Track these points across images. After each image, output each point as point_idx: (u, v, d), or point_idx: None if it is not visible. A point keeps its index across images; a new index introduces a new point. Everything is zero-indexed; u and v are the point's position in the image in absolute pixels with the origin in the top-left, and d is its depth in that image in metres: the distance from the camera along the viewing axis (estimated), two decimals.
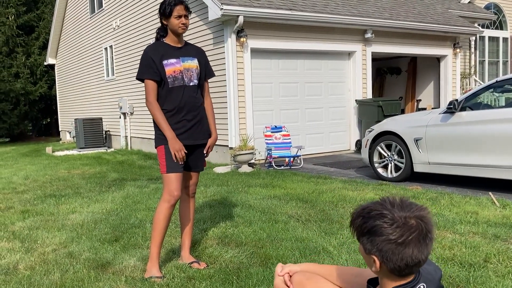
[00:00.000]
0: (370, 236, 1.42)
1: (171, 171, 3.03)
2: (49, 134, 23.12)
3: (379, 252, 1.41)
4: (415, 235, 1.37)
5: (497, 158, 5.24)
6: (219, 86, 8.73)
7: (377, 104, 9.46)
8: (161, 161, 3.07)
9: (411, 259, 1.38)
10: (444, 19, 11.37)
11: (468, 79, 12.92)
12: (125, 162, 9.94)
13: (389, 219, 1.39)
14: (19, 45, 19.82)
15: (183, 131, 3.11)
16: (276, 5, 8.60)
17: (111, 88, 13.97)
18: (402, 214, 1.39)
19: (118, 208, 5.16)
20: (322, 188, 5.86)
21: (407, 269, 1.41)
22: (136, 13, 11.76)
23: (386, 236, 1.38)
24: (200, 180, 6.90)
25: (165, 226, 3.05)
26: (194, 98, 3.15)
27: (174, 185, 3.03)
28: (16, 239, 4.07)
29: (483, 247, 3.34)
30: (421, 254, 1.39)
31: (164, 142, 3.06)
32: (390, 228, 1.38)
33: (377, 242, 1.40)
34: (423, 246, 1.39)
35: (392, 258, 1.39)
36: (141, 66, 3.06)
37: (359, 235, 1.47)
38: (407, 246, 1.37)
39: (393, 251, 1.38)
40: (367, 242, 1.44)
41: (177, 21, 3.05)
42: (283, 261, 3.18)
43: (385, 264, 1.42)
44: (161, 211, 3.03)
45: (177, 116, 3.09)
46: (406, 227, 1.38)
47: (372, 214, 1.42)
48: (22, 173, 8.61)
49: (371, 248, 1.43)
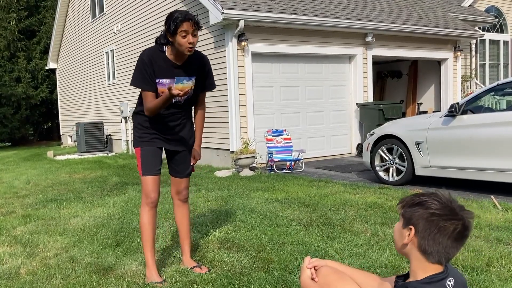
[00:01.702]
0: (416, 207, 1.53)
1: (147, 174, 3.01)
2: (50, 138, 23.15)
3: (420, 221, 1.50)
4: (453, 227, 1.47)
5: (499, 161, 5.23)
6: (220, 90, 8.74)
7: (378, 107, 9.46)
8: (138, 162, 3.06)
9: (441, 245, 1.48)
10: (445, 22, 11.38)
11: (469, 82, 12.92)
12: (126, 166, 9.95)
13: (438, 201, 1.51)
14: (20, 50, 19.88)
15: (160, 136, 3.07)
16: (276, 9, 8.62)
17: (112, 92, 14.00)
18: (451, 205, 1.51)
19: (120, 212, 5.16)
20: (324, 192, 5.85)
21: (433, 252, 1.49)
22: (137, 18, 11.80)
23: (433, 210, 1.49)
24: (201, 184, 6.89)
25: (151, 230, 3.03)
26: (181, 111, 3.09)
27: (150, 187, 3.00)
28: (18, 244, 4.07)
29: (486, 251, 3.33)
30: (452, 242, 1.49)
31: (140, 144, 3.05)
32: (438, 204, 1.50)
33: (422, 213, 1.50)
34: (458, 238, 1.49)
35: (425, 235, 1.49)
36: (138, 74, 2.89)
37: (406, 207, 1.57)
38: (442, 232, 1.48)
39: (430, 228, 1.48)
40: (411, 213, 1.54)
41: (183, 40, 2.76)
42: (285, 266, 3.17)
43: (417, 237, 1.51)
44: (143, 215, 3.03)
45: (156, 123, 3.04)
46: (452, 212, 1.49)
47: (426, 194, 1.55)
48: (23, 178, 8.61)
49: (412, 217, 1.53)
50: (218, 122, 8.90)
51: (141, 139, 3.06)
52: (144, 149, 3.04)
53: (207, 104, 9.02)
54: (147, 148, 3.05)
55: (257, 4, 8.59)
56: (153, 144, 3.07)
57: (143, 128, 3.07)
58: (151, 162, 3.03)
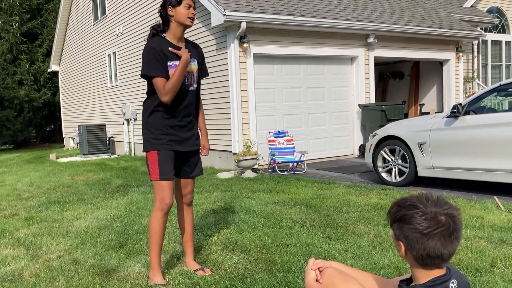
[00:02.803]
0: (400, 223, 1.55)
1: (164, 178, 2.93)
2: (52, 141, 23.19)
3: (405, 239, 1.53)
4: (441, 230, 1.48)
5: (502, 162, 5.22)
6: (222, 92, 8.75)
7: (380, 108, 9.46)
8: (153, 166, 2.94)
9: (433, 250, 1.49)
10: (447, 23, 11.38)
11: (471, 83, 12.90)
12: (128, 168, 9.96)
13: (421, 211, 1.51)
14: (23, 52, 19.94)
15: (176, 138, 3.00)
16: (278, 11, 8.63)
17: (115, 94, 14.02)
18: (433, 210, 1.50)
19: (122, 214, 5.16)
20: (326, 193, 5.85)
21: (429, 259, 1.51)
22: (139, 20, 11.82)
23: (414, 225, 1.50)
24: (203, 185, 6.90)
25: (161, 235, 3.00)
26: (191, 104, 3.06)
27: (166, 193, 2.94)
28: (21, 246, 4.08)
29: (489, 252, 3.32)
30: (444, 249, 1.49)
31: (157, 146, 2.94)
32: (419, 219, 1.50)
33: (405, 229, 1.53)
34: (448, 241, 1.49)
35: (415, 246, 1.51)
36: (148, 62, 2.82)
37: (392, 221, 1.59)
38: (431, 238, 1.48)
39: (417, 240, 1.50)
40: (397, 229, 1.57)
41: (187, 11, 2.86)
42: (288, 267, 3.17)
43: (409, 251, 1.54)
44: (155, 220, 2.96)
45: (172, 121, 2.97)
46: (434, 221, 1.49)
47: (407, 205, 1.55)
48: (26, 180, 8.63)
49: (399, 234, 1.55)
50: (220, 123, 8.90)
51: (158, 141, 2.94)
52: (162, 152, 2.93)
53: (209, 106, 9.03)
54: (165, 152, 2.95)
55: (259, 6, 8.60)
56: (170, 147, 2.97)
57: (158, 129, 2.95)
58: (169, 166, 2.95)
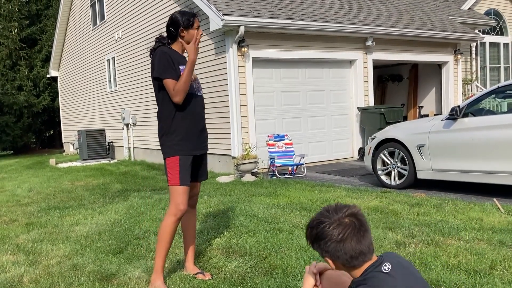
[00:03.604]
0: (317, 242, 1.70)
1: (184, 184, 3.01)
2: (52, 146, 23.19)
3: (327, 253, 1.68)
4: (350, 231, 1.64)
5: (501, 163, 5.22)
6: (221, 96, 8.77)
7: (379, 111, 9.47)
8: (173, 172, 3.01)
9: (353, 251, 1.64)
10: (445, 25, 11.41)
11: (470, 85, 12.93)
12: (128, 173, 9.96)
13: (327, 224, 1.67)
14: (22, 58, 19.97)
15: (195, 141, 3.11)
16: (276, 15, 8.66)
17: (114, 99, 14.04)
18: (337, 217, 1.67)
19: (122, 219, 5.16)
20: (326, 197, 5.85)
21: (354, 260, 1.65)
22: (138, 25, 11.85)
23: (329, 237, 1.66)
24: (203, 189, 6.90)
25: (171, 240, 3.03)
26: (202, 108, 3.20)
27: (182, 198, 3.01)
28: (21, 252, 4.08)
29: (489, 254, 3.32)
30: (361, 245, 1.64)
31: (179, 152, 3.02)
32: (329, 230, 1.66)
33: (323, 245, 1.68)
34: (360, 237, 1.65)
35: (338, 255, 1.66)
36: (161, 65, 2.98)
37: (312, 243, 1.74)
38: (346, 241, 1.64)
39: (336, 249, 1.65)
40: (318, 248, 1.71)
41: (196, 32, 3.10)
42: (288, 271, 3.17)
43: (337, 261, 1.68)
44: (167, 225, 3.00)
45: (189, 124, 3.07)
46: (341, 226, 1.65)
47: (315, 223, 1.71)
48: (26, 186, 8.63)
49: (322, 251, 1.70)
50: (220, 127, 8.91)
51: (179, 147, 3.03)
52: (183, 157, 3.02)
53: (209, 110, 9.04)
54: (185, 157, 3.04)
55: (257, 10, 8.63)
56: (190, 152, 3.07)
57: (179, 135, 3.04)
58: (188, 172, 3.04)
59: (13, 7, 19.24)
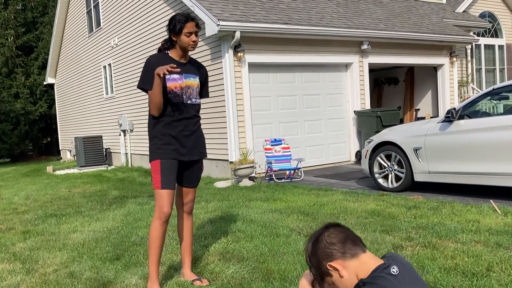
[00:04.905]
0: (315, 255, 1.81)
1: (165, 187, 3.00)
2: (49, 153, 23.15)
3: (330, 256, 1.78)
4: (337, 237, 1.82)
5: (497, 165, 5.24)
6: (218, 101, 8.77)
7: (375, 114, 9.49)
8: (156, 176, 3.03)
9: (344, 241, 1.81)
10: (440, 28, 11.46)
11: (466, 87, 12.97)
12: (125, 179, 9.94)
13: (313, 236, 1.87)
14: (18, 66, 19.96)
15: (180, 147, 3.08)
16: (272, 20, 8.68)
17: (111, 105, 14.03)
18: (318, 229, 1.91)
19: (119, 226, 5.15)
20: (323, 200, 5.85)
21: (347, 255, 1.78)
22: (134, 31, 11.87)
23: (326, 243, 1.80)
24: (200, 195, 6.89)
25: (160, 244, 3.02)
26: (194, 115, 3.14)
27: (166, 201, 3.00)
28: (17, 260, 4.06)
29: (486, 256, 3.32)
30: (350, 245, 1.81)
31: (161, 155, 3.02)
32: (325, 238, 1.82)
33: (322, 249, 1.80)
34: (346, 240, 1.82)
35: (334, 254, 1.78)
36: (145, 76, 2.97)
37: (310, 261, 1.85)
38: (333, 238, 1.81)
39: (333, 243, 1.80)
40: (317, 261, 1.81)
41: (187, 38, 3.00)
42: (285, 276, 3.16)
43: (339, 260, 1.77)
44: (154, 229, 3.01)
45: (174, 130, 3.05)
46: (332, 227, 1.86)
47: (313, 240, 1.86)
48: (23, 193, 8.60)
49: (325, 259, 1.79)
50: (217, 133, 8.91)
51: (161, 151, 3.03)
52: (164, 161, 3.02)
53: (206, 115, 9.04)
54: (168, 161, 3.03)
55: (252, 15, 8.66)
56: (173, 156, 3.05)
57: (161, 139, 3.05)
58: (171, 176, 3.03)
59: (9, 14, 19.26)
